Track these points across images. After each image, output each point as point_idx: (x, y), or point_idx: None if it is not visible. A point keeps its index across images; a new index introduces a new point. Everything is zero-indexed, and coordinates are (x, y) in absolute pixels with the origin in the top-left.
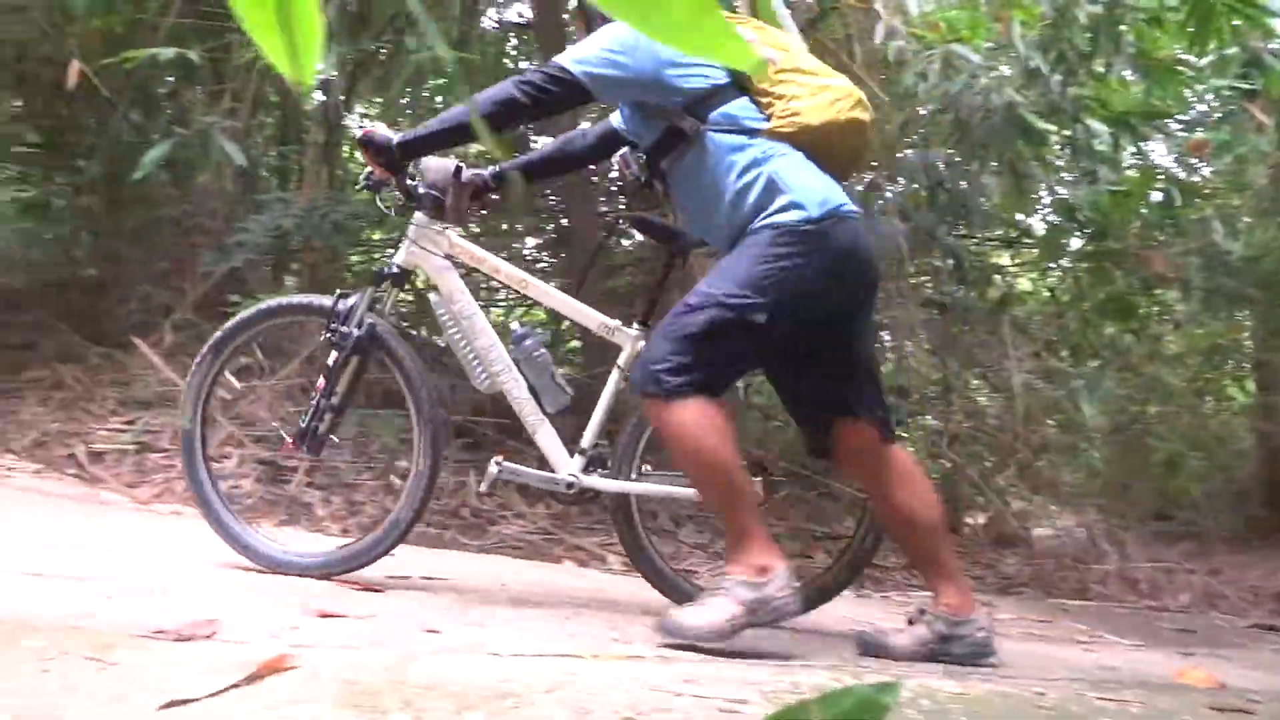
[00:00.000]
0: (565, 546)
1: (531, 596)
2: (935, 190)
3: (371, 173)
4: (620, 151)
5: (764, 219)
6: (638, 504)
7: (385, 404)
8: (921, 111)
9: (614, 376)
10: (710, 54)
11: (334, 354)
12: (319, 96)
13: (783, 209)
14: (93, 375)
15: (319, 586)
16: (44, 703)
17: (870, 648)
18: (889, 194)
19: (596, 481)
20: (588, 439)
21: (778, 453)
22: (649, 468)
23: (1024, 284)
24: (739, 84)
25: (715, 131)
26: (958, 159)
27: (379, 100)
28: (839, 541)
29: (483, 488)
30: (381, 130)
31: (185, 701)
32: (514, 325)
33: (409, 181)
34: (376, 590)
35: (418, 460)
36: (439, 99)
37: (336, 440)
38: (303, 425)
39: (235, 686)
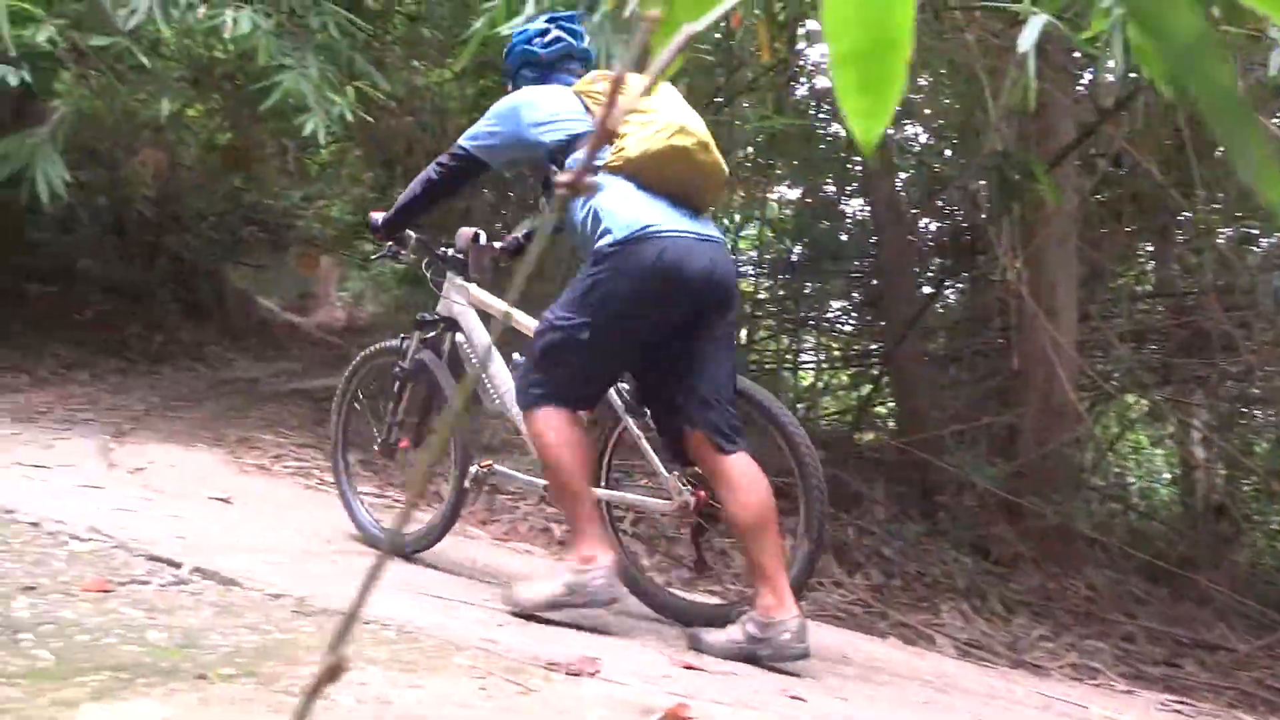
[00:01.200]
0: (890, 622)
1: (876, 672)
2: None
3: (391, 244)
4: (542, 196)
5: (591, 248)
6: (608, 509)
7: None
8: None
9: None
10: None
11: (396, 383)
12: None
13: (599, 236)
14: None
15: (671, 633)
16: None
17: (694, 643)
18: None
19: None
20: None
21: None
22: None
23: None
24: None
25: None
26: None
27: None
28: (1214, 652)
29: (465, 484)
30: (375, 214)
31: None
32: (515, 356)
33: (443, 249)
34: None
35: (452, 468)
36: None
37: (409, 451)
38: (380, 438)
39: None
